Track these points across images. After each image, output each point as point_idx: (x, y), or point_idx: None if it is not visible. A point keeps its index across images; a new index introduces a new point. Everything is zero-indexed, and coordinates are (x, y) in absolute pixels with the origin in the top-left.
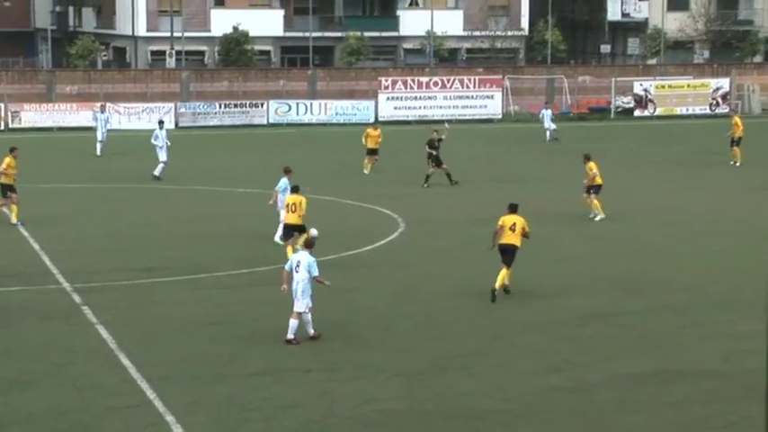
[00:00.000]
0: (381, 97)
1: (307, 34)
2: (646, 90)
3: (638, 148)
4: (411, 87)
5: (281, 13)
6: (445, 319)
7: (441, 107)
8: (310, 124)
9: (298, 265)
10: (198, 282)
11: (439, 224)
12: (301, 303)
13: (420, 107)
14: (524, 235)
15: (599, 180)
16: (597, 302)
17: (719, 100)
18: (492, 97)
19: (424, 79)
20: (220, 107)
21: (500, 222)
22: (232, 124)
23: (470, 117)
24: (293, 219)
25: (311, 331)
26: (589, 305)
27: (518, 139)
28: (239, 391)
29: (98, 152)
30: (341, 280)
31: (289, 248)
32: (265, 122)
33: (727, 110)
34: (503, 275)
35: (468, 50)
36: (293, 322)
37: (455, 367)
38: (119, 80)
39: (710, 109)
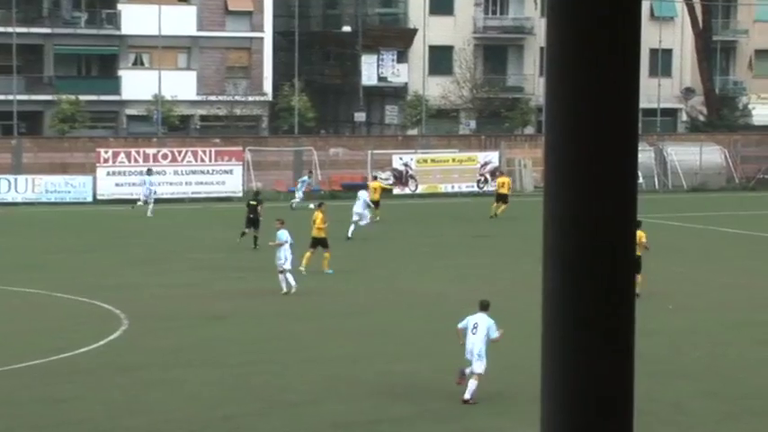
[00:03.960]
0: (100, 172)
1: (10, 97)
2: (406, 164)
3: (398, 230)
4: (136, 160)
5: None
6: (175, 431)
7: (171, 183)
8: (15, 203)
9: (475, 327)
10: None
11: (169, 320)
12: (481, 364)
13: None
14: (644, 247)
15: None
16: (357, 409)
17: (488, 176)
18: (231, 172)
19: (151, 151)
20: None
21: None
22: None
23: (206, 195)
24: (316, 232)
25: (468, 396)
26: (348, 412)
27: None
28: None
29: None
30: (51, 389)
31: (307, 254)
32: None
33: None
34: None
35: (203, 117)
36: (473, 383)
37: None
38: None
39: (478, 186)
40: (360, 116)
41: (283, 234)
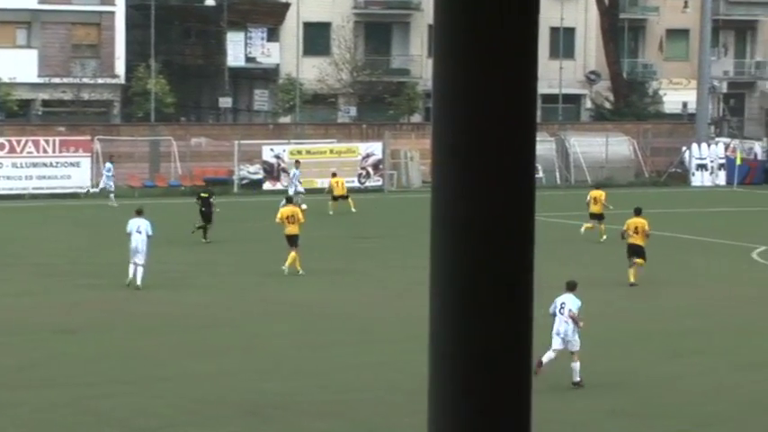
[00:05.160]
0: None
1: None
2: (278, 156)
3: (267, 232)
4: None
5: None
6: None
7: (9, 178)
8: None
9: (562, 307)
10: None
11: (7, 334)
12: (576, 343)
13: None
14: (646, 235)
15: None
16: None
17: (370, 170)
18: (78, 165)
19: None
20: None
21: (625, 226)
22: None
23: (49, 191)
24: (293, 229)
25: (578, 378)
26: None
27: (114, 221)
28: None
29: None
30: None
31: (293, 254)
32: None
33: (380, 182)
34: (633, 271)
35: (46, 102)
36: (576, 365)
37: None
38: None
39: (359, 181)
40: (225, 102)
41: (131, 224)
